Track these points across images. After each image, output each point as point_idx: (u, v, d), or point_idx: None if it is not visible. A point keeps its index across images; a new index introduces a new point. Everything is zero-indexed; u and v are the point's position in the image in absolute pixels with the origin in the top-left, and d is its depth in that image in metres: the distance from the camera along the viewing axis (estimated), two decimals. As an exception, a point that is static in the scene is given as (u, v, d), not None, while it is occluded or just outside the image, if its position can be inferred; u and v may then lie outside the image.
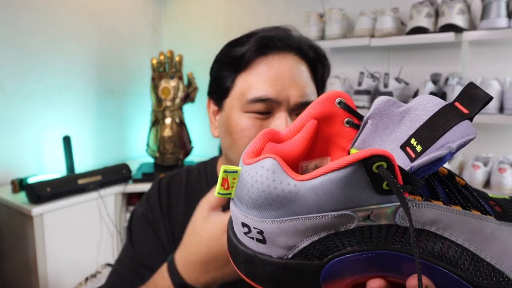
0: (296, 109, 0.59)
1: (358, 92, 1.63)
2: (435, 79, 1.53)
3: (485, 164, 1.45)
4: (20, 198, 1.73)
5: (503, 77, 1.42)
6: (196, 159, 2.38)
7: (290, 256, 0.29)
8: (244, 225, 0.30)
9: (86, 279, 1.79)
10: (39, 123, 2.03)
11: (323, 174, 0.27)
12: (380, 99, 0.33)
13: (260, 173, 0.27)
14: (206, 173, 0.73)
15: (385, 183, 0.27)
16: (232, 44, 0.62)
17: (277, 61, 0.58)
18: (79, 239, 1.85)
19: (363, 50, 1.76)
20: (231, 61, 0.60)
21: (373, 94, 1.66)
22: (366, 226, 0.28)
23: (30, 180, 1.77)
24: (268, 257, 0.30)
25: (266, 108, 0.57)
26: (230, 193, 0.30)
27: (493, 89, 1.37)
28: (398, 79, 1.58)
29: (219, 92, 0.63)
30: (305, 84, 0.60)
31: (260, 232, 0.29)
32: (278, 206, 0.28)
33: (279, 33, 0.60)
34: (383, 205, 0.27)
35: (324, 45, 1.75)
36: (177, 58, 2.17)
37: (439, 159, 0.27)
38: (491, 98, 0.29)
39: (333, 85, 1.70)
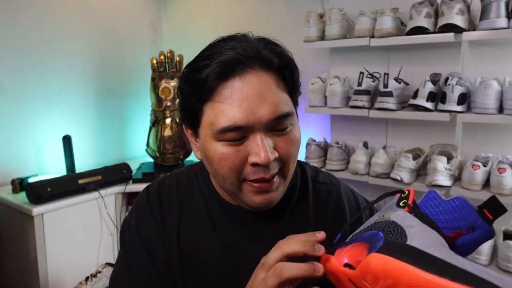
0: (271, 126, 0.56)
1: (358, 92, 1.64)
2: (434, 79, 1.53)
3: (485, 164, 1.45)
4: (21, 198, 1.73)
5: (502, 77, 1.42)
6: (196, 159, 2.38)
7: None
8: None
9: (86, 278, 1.79)
10: (39, 123, 2.03)
11: None
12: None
13: None
14: (198, 177, 0.71)
15: None
16: (192, 70, 0.58)
17: (240, 83, 0.55)
18: (79, 239, 1.85)
19: (363, 50, 1.77)
20: (194, 90, 0.57)
21: (373, 94, 1.66)
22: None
23: (31, 180, 1.78)
24: None
25: (239, 134, 0.55)
26: None
27: (492, 89, 1.37)
28: (397, 79, 1.58)
29: (190, 120, 0.61)
30: (274, 98, 0.56)
31: None
32: None
33: (237, 50, 0.56)
34: None
35: (324, 45, 1.75)
36: (177, 58, 2.17)
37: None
38: (506, 211, 0.42)
39: (333, 85, 1.70)
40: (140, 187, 2.00)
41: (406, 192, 0.47)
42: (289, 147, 0.58)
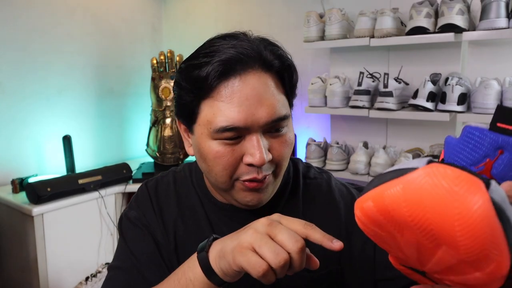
0: (268, 128, 0.56)
1: (358, 92, 1.64)
2: (434, 79, 1.53)
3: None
4: (21, 198, 1.73)
5: (502, 77, 1.42)
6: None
7: None
8: None
9: (86, 278, 1.79)
10: (39, 123, 2.03)
11: None
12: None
13: None
14: (192, 175, 0.72)
15: None
16: (192, 66, 0.57)
17: (240, 83, 0.55)
18: (79, 239, 1.85)
19: (363, 50, 1.77)
20: (193, 87, 0.57)
21: (373, 94, 1.66)
22: None
23: (31, 180, 1.78)
24: None
25: (235, 134, 0.55)
26: None
27: (492, 89, 1.37)
28: (397, 79, 1.58)
29: (185, 116, 0.60)
30: (273, 100, 0.56)
31: None
32: None
33: (239, 49, 0.55)
34: None
35: (324, 45, 1.75)
36: (177, 58, 2.17)
37: None
38: None
39: (333, 85, 1.70)
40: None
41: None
42: (283, 149, 0.59)
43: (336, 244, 0.45)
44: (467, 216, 0.26)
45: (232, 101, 0.55)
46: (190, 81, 0.57)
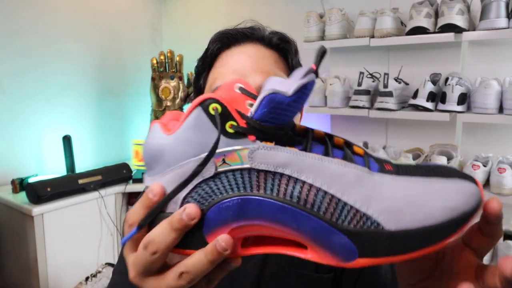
0: None
1: (358, 92, 1.64)
2: (434, 79, 1.53)
3: (485, 164, 1.45)
4: (21, 198, 1.73)
5: (502, 77, 1.42)
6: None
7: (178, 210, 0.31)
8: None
9: (86, 279, 1.79)
10: (39, 123, 2.03)
11: (182, 123, 0.30)
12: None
13: (149, 136, 0.32)
14: None
15: (228, 125, 0.30)
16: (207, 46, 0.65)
17: (238, 51, 0.60)
18: (79, 239, 1.85)
19: (363, 50, 1.77)
20: (202, 60, 0.64)
21: (372, 94, 1.66)
22: (228, 171, 0.30)
23: (31, 180, 1.78)
24: (162, 213, 0.32)
25: None
26: (144, 165, 0.34)
27: (492, 89, 1.37)
28: (397, 79, 1.58)
29: (196, 90, 0.67)
30: (268, 68, 0.59)
31: None
32: (158, 160, 0.31)
33: (246, 28, 0.62)
34: (232, 147, 0.29)
35: (324, 45, 1.75)
36: (177, 58, 2.17)
37: (271, 102, 0.29)
38: (325, 50, 0.31)
39: (333, 85, 1.70)
40: (140, 187, 2.00)
41: None
42: None
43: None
44: None
45: (229, 66, 0.59)
46: (202, 57, 0.64)
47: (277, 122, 0.30)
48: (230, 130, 0.30)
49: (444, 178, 0.29)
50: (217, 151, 0.29)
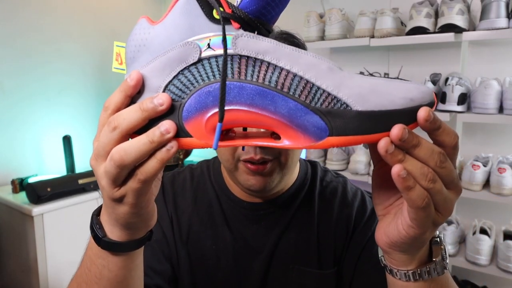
0: None
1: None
2: (434, 79, 1.53)
3: (485, 164, 1.45)
4: (21, 198, 1.73)
5: (502, 77, 1.42)
6: (196, 159, 2.38)
7: None
8: None
9: (86, 279, 1.79)
10: (39, 123, 2.03)
11: (171, 10, 0.31)
12: None
13: (135, 29, 0.33)
14: (210, 171, 0.73)
15: (214, 11, 0.31)
16: None
17: None
18: (79, 239, 1.84)
19: (363, 50, 1.77)
20: None
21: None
22: (211, 57, 0.31)
23: (31, 180, 1.78)
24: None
25: None
26: (124, 69, 0.34)
27: (492, 89, 1.37)
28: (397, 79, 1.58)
29: None
30: None
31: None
32: (143, 50, 0.32)
33: None
34: (217, 33, 0.31)
35: (324, 45, 1.75)
36: (177, 58, 2.17)
37: None
38: None
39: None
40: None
41: None
42: None
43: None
44: None
45: None
46: None
47: (261, 17, 0.32)
48: (217, 17, 0.31)
49: (404, 81, 0.32)
50: (203, 35, 0.31)
